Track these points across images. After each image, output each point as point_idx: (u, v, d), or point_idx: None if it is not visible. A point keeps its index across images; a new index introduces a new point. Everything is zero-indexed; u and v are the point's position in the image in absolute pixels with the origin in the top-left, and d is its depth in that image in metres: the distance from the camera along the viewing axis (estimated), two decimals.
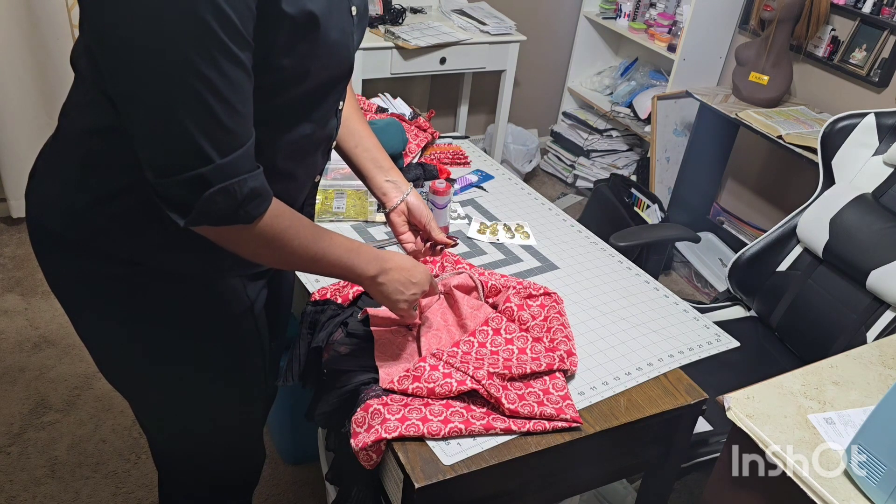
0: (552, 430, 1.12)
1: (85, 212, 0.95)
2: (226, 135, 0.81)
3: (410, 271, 1.11)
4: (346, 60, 0.97)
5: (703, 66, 3.12)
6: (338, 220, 1.61)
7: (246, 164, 0.84)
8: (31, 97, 2.63)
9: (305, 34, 0.85)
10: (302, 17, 0.83)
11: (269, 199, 0.89)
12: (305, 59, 0.88)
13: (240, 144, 0.83)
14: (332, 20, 0.89)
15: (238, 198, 0.84)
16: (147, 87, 0.77)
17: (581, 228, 1.72)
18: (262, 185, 0.87)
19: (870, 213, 1.66)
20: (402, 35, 2.85)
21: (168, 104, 0.77)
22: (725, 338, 1.41)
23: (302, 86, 0.91)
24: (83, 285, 1.02)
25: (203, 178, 0.81)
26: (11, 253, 2.67)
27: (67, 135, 0.97)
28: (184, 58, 0.75)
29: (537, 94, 3.78)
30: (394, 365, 1.18)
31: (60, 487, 1.82)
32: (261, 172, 0.87)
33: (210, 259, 0.98)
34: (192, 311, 1.04)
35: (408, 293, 1.11)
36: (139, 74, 0.77)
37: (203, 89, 0.77)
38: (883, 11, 2.56)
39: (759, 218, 3.16)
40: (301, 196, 1.09)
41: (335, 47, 0.92)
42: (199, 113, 0.78)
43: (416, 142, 1.87)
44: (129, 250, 0.96)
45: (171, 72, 0.76)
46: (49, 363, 2.18)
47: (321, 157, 1.09)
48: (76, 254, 0.98)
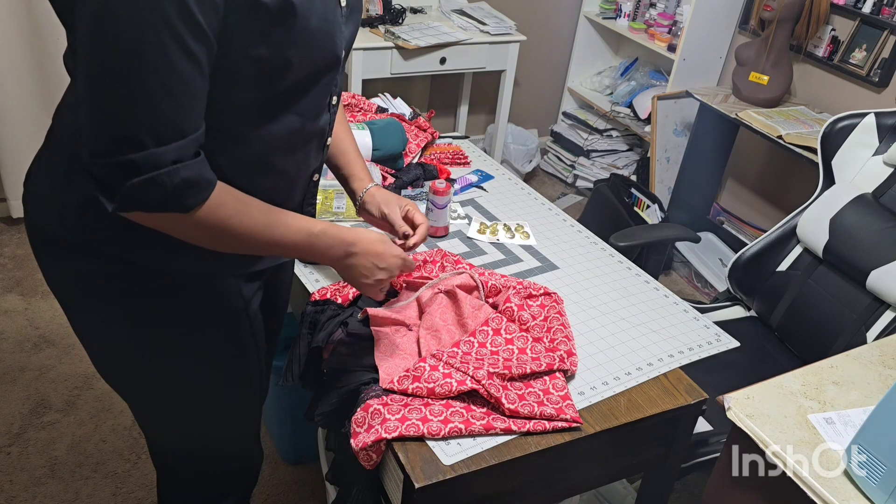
0: (552, 430, 1.12)
1: (77, 211, 0.95)
2: (165, 125, 0.81)
3: (380, 255, 1.09)
4: (330, 50, 0.96)
5: (703, 66, 3.12)
6: (338, 220, 1.61)
7: (183, 154, 0.83)
8: (31, 97, 2.63)
9: (282, 21, 0.85)
10: (277, 4, 0.83)
11: (207, 188, 0.87)
12: (284, 48, 0.87)
13: (181, 135, 0.82)
14: (312, 8, 0.88)
15: (168, 187, 0.82)
16: (95, 69, 0.78)
17: (581, 228, 1.72)
18: (197, 174, 0.85)
19: (870, 213, 1.66)
20: (402, 35, 2.85)
21: (111, 86, 0.78)
22: (725, 338, 1.41)
23: (285, 77, 0.91)
24: (79, 284, 1.02)
25: (132, 164, 0.80)
26: (11, 253, 2.67)
27: (59, 135, 0.98)
28: (133, 44, 0.75)
29: (537, 94, 3.78)
30: (394, 365, 1.18)
31: (60, 487, 1.82)
32: (199, 161, 0.85)
33: (204, 258, 0.98)
34: (186, 310, 1.04)
35: (373, 277, 1.09)
36: (91, 51, 0.78)
37: (148, 76, 0.77)
38: (883, 11, 2.56)
39: (759, 218, 3.16)
40: (295, 193, 1.08)
41: (316, 36, 0.91)
42: (141, 99, 0.78)
43: (416, 142, 1.87)
44: (121, 249, 0.96)
45: (119, 56, 0.76)
46: (49, 363, 2.18)
47: (314, 153, 1.07)
48: (71, 253, 0.99)
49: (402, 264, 1.13)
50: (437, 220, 1.57)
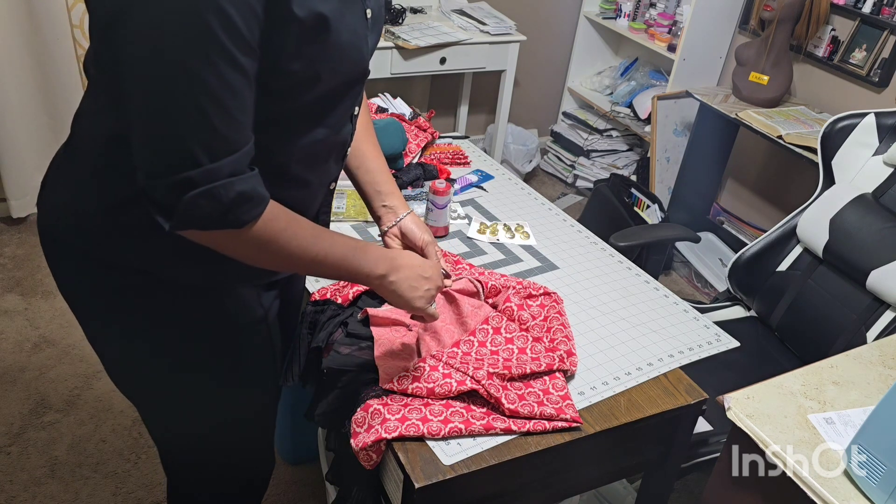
0: (552, 430, 1.12)
1: (96, 220, 0.94)
2: (218, 140, 0.80)
3: (422, 267, 1.07)
4: (359, 63, 0.95)
5: (703, 66, 3.12)
6: (338, 220, 1.61)
7: (237, 168, 0.82)
8: (31, 97, 2.63)
9: (315, 37, 0.84)
10: (311, 19, 0.82)
11: (261, 203, 0.86)
12: (316, 63, 0.86)
13: (233, 150, 0.81)
14: (344, 22, 0.87)
15: (224, 201, 0.81)
16: (143, 87, 0.77)
17: (581, 228, 1.72)
18: (252, 189, 0.84)
19: (870, 213, 1.66)
20: (402, 35, 2.85)
21: (162, 105, 0.77)
22: (725, 338, 1.41)
23: (314, 90, 0.90)
24: (95, 294, 1.01)
25: (189, 181, 0.79)
26: (11, 253, 2.67)
27: (78, 143, 0.97)
28: (182, 59, 0.74)
29: (537, 94, 3.78)
30: (394, 365, 1.18)
31: (60, 487, 1.82)
32: (253, 176, 0.84)
33: (223, 269, 0.96)
34: (205, 320, 1.03)
35: (422, 289, 1.06)
36: (137, 74, 0.76)
37: (199, 93, 0.76)
38: (883, 11, 2.56)
39: (759, 218, 3.16)
40: (315, 203, 1.07)
41: (347, 50, 0.90)
42: (193, 116, 0.77)
43: (416, 142, 1.87)
44: (140, 260, 0.95)
45: (167, 73, 0.75)
46: (49, 363, 2.18)
47: (334, 163, 1.06)
48: (88, 263, 0.98)
49: (440, 273, 1.12)
50: (437, 220, 1.57)
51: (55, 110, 2.68)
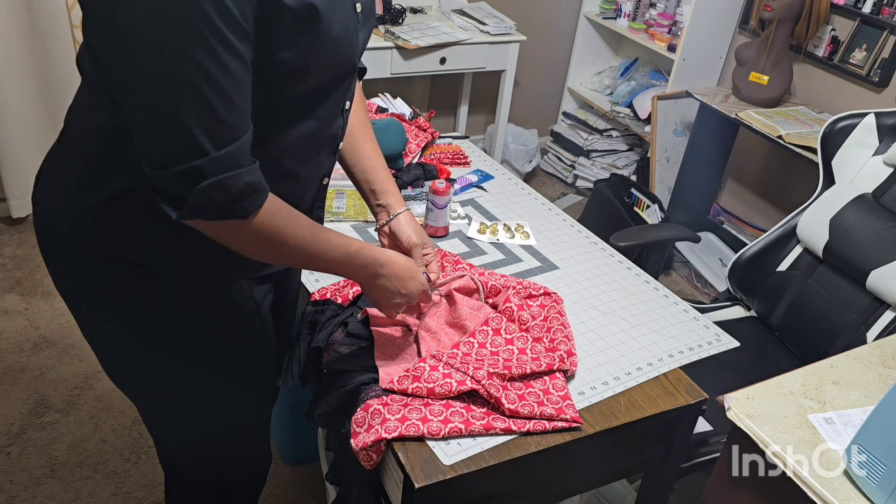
0: (552, 430, 1.12)
1: (90, 213, 0.94)
2: (222, 127, 0.80)
3: (404, 281, 1.11)
4: (349, 57, 0.96)
5: (703, 66, 3.12)
6: (338, 220, 1.61)
7: (242, 158, 0.83)
8: (31, 97, 2.63)
9: (306, 27, 0.85)
10: (302, 8, 0.83)
11: (264, 194, 0.88)
12: (307, 54, 0.87)
13: (236, 137, 0.82)
14: (335, 14, 0.88)
15: (233, 192, 0.83)
16: (143, 77, 0.77)
17: (581, 228, 1.72)
18: (257, 181, 0.86)
19: (870, 213, 1.66)
20: (402, 35, 2.85)
21: (164, 94, 0.77)
22: (725, 338, 1.41)
23: (304, 82, 0.91)
24: (89, 287, 1.01)
25: (198, 171, 0.80)
26: (11, 253, 2.67)
27: (72, 136, 0.97)
28: (181, 47, 0.75)
29: (537, 94, 3.78)
30: (394, 365, 1.18)
31: (60, 487, 1.82)
32: (257, 167, 0.86)
33: (217, 261, 0.97)
34: (198, 313, 1.03)
35: (392, 300, 1.12)
36: (136, 64, 0.77)
37: (200, 80, 0.76)
38: (883, 11, 2.56)
39: (759, 218, 3.16)
40: (307, 197, 1.08)
41: (337, 42, 0.91)
42: (195, 103, 0.78)
43: (416, 142, 1.87)
44: (134, 252, 0.96)
45: (167, 61, 0.75)
46: (49, 363, 2.18)
47: (326, 157, 1.07)
48: (82, 255, 0.98)
49: (422, 294, 1.16)
50: (437, 220, 1.57)
51: (55, 110, 2.68)
